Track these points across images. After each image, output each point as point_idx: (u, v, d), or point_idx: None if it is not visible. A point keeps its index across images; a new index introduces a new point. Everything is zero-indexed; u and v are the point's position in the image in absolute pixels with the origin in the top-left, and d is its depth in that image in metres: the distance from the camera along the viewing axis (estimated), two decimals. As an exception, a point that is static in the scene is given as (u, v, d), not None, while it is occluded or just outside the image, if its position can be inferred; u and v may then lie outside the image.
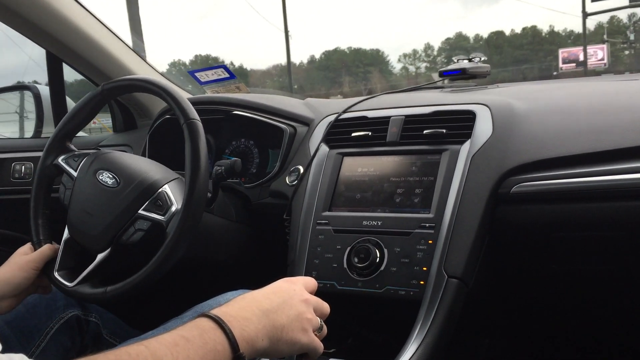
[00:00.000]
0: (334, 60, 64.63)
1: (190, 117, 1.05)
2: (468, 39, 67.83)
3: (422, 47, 74.57)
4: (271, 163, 1.53)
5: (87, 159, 1.13)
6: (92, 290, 1.03)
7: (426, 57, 71.07)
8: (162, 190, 1.07)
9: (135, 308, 1.33)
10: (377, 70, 63.60)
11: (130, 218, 1.04)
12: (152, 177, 1.08)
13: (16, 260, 1.05)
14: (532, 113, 1.20)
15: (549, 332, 1.43)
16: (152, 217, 1.04)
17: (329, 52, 69.51)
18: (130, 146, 1.72)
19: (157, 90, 1.10)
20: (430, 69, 67.10)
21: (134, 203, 1.05)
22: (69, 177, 1.13)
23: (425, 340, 0.98)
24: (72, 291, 1.04)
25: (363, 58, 66.32)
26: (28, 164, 1.75)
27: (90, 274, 1.05)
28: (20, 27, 1.52)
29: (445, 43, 70.41)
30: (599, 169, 1.05)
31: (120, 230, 1.04)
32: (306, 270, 1.15)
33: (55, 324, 1.08)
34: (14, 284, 1.00)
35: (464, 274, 1.04)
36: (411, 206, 1.14)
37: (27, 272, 1.02)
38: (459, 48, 66.61)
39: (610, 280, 1.16)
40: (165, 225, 1.04)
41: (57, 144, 1.17)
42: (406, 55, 72.51)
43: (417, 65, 70.71)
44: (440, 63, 70.37)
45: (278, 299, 0.72)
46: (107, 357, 0.57)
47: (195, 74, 1.92)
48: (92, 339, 1.12)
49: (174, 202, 1.07)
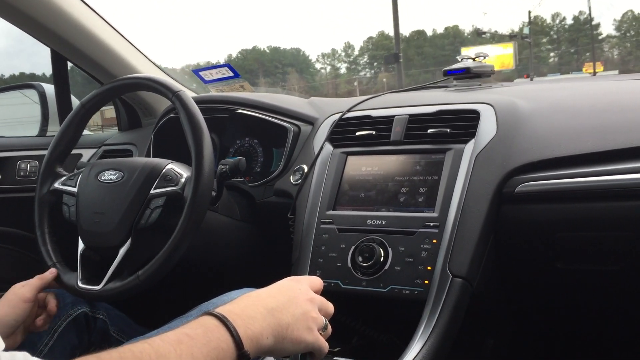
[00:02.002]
0: (250, 60, 62.54)
1: (176, 90, 1.08)
2: (391, 38, 66.86)
3: (342, 47, 72.63)
4: (275, 162, 1.53)
5: (84, 171, 1.15)
6: (123, 282, 1.02)
7: (346, 57, 69.32)
8: (167, 168, 1.09)
9: (141, 307, 1.33)
10: (295, 70, 62.33)
11: (143, 201, 1.06)
12: (154, 161, 1.11)
13: (8, 297, 1.00)
14: (537, 112, 1.20)
15: (554, 332, 1.43)
16: (166, 191, 1.06)
17: (247, 51, 67.19)
18: (135, 145, 1.72)
19: (136, 82, 1.14)
20: (351, 70, 65.76)
21: (143, 186, 1.07)
22: (71, 195, 1.14)
23: (429, 340, 0.98)
24: (102, 291, 1.03)
25: (282, 58, 64.21)
26: (33, 162, 1.76)
27: (117, 270, 1.05)
28: (25, 26, 1.53)
29: (367, 42, 68.77)
30: (603, 168, 1.05)
31: (137, 216, 1.05)
32: (310, 269, 1.15)
33: (63, 321, 1.07)
34: (7, 323, 0.96)
35: (469, 274, 1.04)
36: (415, 205, 1.14)
37: (18, 309, 0.97)
38: (381, 47, 65.44)
39: (615, 280, 1.16)
40: (182, 192, 1.05)
41: (49, 171, 1.18)
42: (325, 55, 71.09)
43: (337, 66, 69.46)
44: (363, 65, 68.63)
45: (283, 298, 0.72)
46: (110, 355, 0.57)
47: (200, 73, 1.92)
48: (100, 336, 1.12)
49: (183, 173, 1.09)
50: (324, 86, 61.16)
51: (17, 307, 0.98)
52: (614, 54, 57.71)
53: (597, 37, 57.40)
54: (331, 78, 64.18)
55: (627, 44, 58.50)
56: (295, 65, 64.21)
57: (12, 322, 0.96)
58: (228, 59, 66.89)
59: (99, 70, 1.70)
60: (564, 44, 59.33)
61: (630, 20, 59.56)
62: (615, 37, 59.92)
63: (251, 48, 67.59)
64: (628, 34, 59.80)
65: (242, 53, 66.13)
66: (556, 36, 60.85)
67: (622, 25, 60.60)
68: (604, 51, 56.89)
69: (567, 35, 59.61)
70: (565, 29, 60.77)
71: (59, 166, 1.19)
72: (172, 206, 1.05)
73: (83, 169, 1.16)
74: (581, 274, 1.16)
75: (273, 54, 64.66)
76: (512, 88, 1.52)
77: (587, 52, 45.74)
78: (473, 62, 1.58)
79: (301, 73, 62.67)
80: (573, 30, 59.49)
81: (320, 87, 60.92)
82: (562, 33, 60.36)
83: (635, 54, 52.57)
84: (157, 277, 1.00)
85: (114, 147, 1.78)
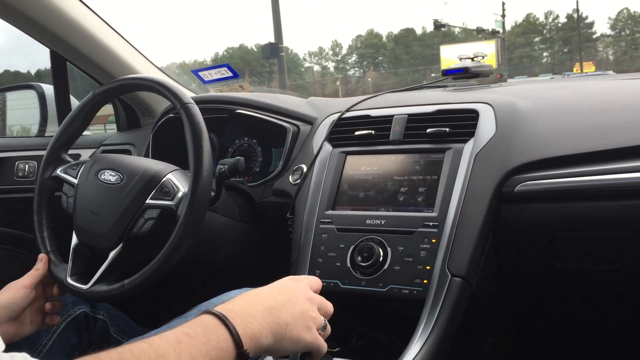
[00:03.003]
0: (236, 59, 61.29)
1: (186, 102, 1.06)
2: (380, 36, 65.28)
3: (329, 45, 71.16)
4: (274, 162, 1.53)
5: (86, 164, 1.14)
6: (109, 288, 1.02)
7: (334, 55, 67.79)
8: (166, 179, 1.08)
9: (141, 307, 1.33)
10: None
11: (138, 210, 1.05)
12: (154, 168, 1.10)
13: (8, 285, 1.03)
14: (536, 112, 1.20)
15: (553, 331, 1.43)
16: (161, 204, 1.05)
17: (234, 49, 65.52)
18: (133, 145, 1.72)
19: (148, 84, 1.12)
20: (339, 69, 64.42)
21: (140, 194, 1.06)
22: (70, 186, 1.13)
23: (429, 340, 0.98)
24: (88, 292, 1.04)
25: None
26: (32, 163, 1.76)
27: (105, 273, 1.05)
28: (24, 27, 1.53)
29: (355, 40, 67.41)
30: (602, 167, 1.05)
31: (130, 223, 1.05)
32: (310, 269, 1.15)
33: (63, 321, 1.07)
34: (8, 307, 0.98)
35: (468, 273, 1.04)
36: (414, 205, 1.14)
37: (17, 293, 1.00)
38: (369, 46, 64.03)
39: (615, 280, 1.16)
40: (175, 209, 1.05)
41: (53, 156, 1.17)
42: (312, 53, 69.17)
43: (324, 65, 68.29)
44: (351, 64, 66.72)
45: (282, 297, 0.72)
46: (109, 355, 0.56)
47: (199, 73, 1.92)
48: (99, 336, 1.12)
49: (181, 188, 1.08)
50: (311, 85, 60.24)
51: (16, 292, 1.01)
52: (608, 54, 56.93)
53: (591, 36, 56.36)
54: (318, 77, 63.29)
55: (621, 43, 57.40)
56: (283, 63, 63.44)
57: (12, 306, 0.99)
58: (215, 57, 66.04)
59: (99, 71, 1.69)
60: (557, 43, 58.58)
61: (625, 18, 58.25)
62: (610, 36, 58.85)
63: (238, 46, 66.60)
64: (623, 32, 58.59)
65: (229, 51, 65.34)
66: (549, 35, 60.07)
67: (617, 24, 59.34)
68: (598, 51, 55.86)
69: (561, 34, 58.70)
70: (558, 27, 59.60)
71: (63, 152, 1.18)
72: (165, 220, 1.05)
73: (86, 161, 1.15)
74: (580, 273, 1.16)
75: (260, 51, 63.91)
76: (511, 88, 1.52)
77: (581, 52, 45.36)
78: (472, 61, 1.58)
79: (289, 72, 61.98)
80: (566, 29, 58.34)
81: (307, 86, 60.30)
82: (556, 32, 59.25)
83: (630, 53, 51.97)
84: (142, 288, 1.00)
85: (113, 147, 1.77)
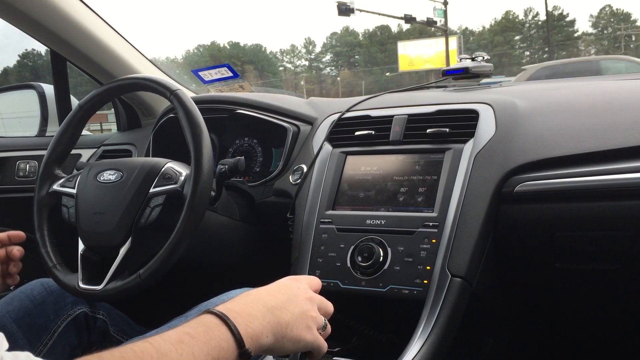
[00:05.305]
0: (206, 57, 59.79)
1: (174, 89, 1.08)
2: (356, 34, 63.44)
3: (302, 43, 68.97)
4: (275, 162, 1.53)
5: (83, 173, 1.15)
6: (124, 282, 1.03)
7: (307, 53, 65.66)
8: (166, 167, 1.10)
9: (141, 307, 1.33)
10: (254, 68, 59.58)
11: (143, 200, 1.06)
12: (153, 160, 1.11)
13: None
14: (535, 112, 1.20)
15: (552, 331, 1.43)
16: (165, 189, 1.06)
17: (204, 46, 63.52)
18: (134, 145, 1.73)
19: (134, 82, 1.14)
20: (312, 68, 61.27)
21: (143, 185, 1.07)
22: (69, 197, 1.14)
23: (429, 340, 0.98)
24: (103, 291, 1.04)
25: (242, 54, 60.64)
26: (32, 163, 1.76)
27: (118, 269, 1.05)
28: (25, 26, 1.53)
29: (330, 38, 65.41)
30: (602, 168, 1.05)
31: (136, 215, 1.05)
32: (310, 269, 1.15)
33: (63, 321, 1.07)
34: None
35: (468, 273, 1.04)
36: (414, 205, 1.14)
37: None
38: (345, 44, 62.39)
39: (614, 280, 1.16)
40: (181, 189, 1.06)
41: (48, 173, 1.18)
42: (284, 51, 66.73)
43: (296, 64, 65.33)
44: (325, 63, 64.40)
45: (283, 296, 0.72)
46: (112, 355, 0.57)
47: (199, 73, 1.92)
48: (99, 336, 1.12)
49: (183, 172, 1.09)
50: (285, 83, 58.86)
51: None
52: (590, 53, 55.88)
53: (573, 34, 54.80)
54: (291, 76, 62.04)
55: (604, 42, 55.40)
56: (255, 62, 61.30)
57: None
58: (186, 55, 64.92)
59: (99, 71, 1.70)
60: (536, 41, 57.33)
61: (607, 16, 56.53)
62: (591, 35, 57.04)
63: (209, 44, 64.82)
64: (605, 31, 56.67)
65: (199, 49, 63.88)
66: (529, 33, 58.89)
67: (600, 22, 57.48)
68: (580, 50, 54.39)
69: (541, 33, 57.40)
70: (538, 25, 57.39)
71: (57, 168, 1.19)
72: (172, 204, 1.06)
73: (82, 170, 1.16)
74: (580, 273, 1.16)
75: (233, 49, 61.71)
76: (511, 88, 1.52)
77: (561, 51, 44.21)
78: (472, 62, 1.58)
79: (262, 71, 60.26)
80: (546, 27, 56.77)
81: (282, 85, 59.29)
82: (536, 30, 57.30)
83: (612, 52, 51.11)
84: (159, 275, 1.00)
85: (113, 147, 1.78)
